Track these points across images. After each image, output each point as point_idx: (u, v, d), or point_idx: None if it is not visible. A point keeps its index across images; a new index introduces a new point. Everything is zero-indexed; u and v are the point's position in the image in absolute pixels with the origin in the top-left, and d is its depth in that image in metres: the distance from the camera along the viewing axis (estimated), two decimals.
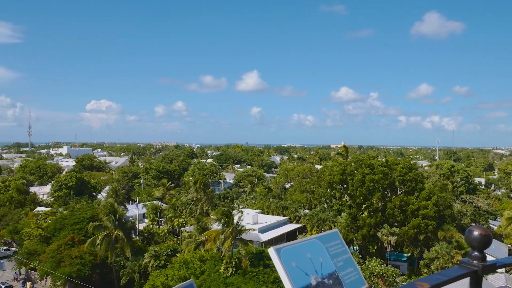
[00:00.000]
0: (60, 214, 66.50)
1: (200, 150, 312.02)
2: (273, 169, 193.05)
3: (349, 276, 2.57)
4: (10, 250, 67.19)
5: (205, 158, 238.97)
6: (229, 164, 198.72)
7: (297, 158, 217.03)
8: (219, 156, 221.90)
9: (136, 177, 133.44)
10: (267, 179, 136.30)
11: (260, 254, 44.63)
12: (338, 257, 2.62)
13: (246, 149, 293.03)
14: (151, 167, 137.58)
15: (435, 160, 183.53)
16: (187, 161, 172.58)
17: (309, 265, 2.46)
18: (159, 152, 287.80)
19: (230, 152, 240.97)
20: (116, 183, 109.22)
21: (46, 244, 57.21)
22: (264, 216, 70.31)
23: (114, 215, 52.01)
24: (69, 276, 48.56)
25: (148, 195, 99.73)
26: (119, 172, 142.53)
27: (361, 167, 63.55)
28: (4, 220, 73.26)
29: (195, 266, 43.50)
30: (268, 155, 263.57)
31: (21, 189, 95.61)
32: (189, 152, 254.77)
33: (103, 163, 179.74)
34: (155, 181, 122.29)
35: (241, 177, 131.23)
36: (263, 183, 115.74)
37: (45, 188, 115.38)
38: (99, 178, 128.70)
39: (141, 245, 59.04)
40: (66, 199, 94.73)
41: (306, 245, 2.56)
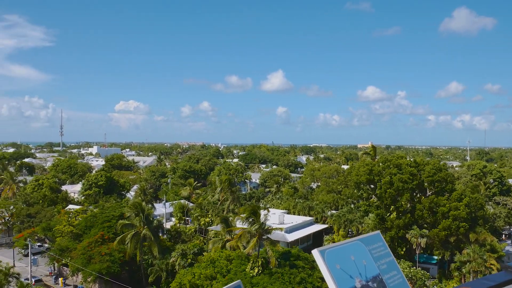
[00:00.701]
0: (90, 212, 68.09)
1: (226, 150, 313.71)
2: (299, 169, 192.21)
3: (393, 279, 2.48)
4: (43, 247, 69.28)
5: (231, 158, 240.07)
6: (255, 164, 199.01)
7: (323, 158, 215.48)
8: (245, 156, 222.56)
9: (164, 176, 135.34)
10: (293, 179, 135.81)
11: (286, 254, 44.46)
12: (381, 259, 2.54)
13: (272, 149, 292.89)
14: (178, 166, 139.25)
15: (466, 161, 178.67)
16: (213, 161, 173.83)
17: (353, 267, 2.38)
18: (185, 152, 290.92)
19: (256, 152, 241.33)
20: (144, 182, 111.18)
21: (77, 241, 58.69)
22: (290, 216, 70.05)
23: (142, 214, 52.85)
24: (99, 272, 49.65)
25: (175, 194, 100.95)
26: (147, 172, 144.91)
27: (389, 168, 62.50)
28: (37, 217, 75.59)
29: (221, 265, 43.70)
30: (294, 155, 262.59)
31: (53, 187, 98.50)
32: (215, 152, 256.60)
33: (131, 163, 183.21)
34: (182, 181, 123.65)
35: (267, 177, 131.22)
36: (289, 183, 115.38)
37: (76, 186, 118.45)
38: (128, 177, 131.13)
39: (169, 244, 59.79)
40: (96, 197, 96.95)
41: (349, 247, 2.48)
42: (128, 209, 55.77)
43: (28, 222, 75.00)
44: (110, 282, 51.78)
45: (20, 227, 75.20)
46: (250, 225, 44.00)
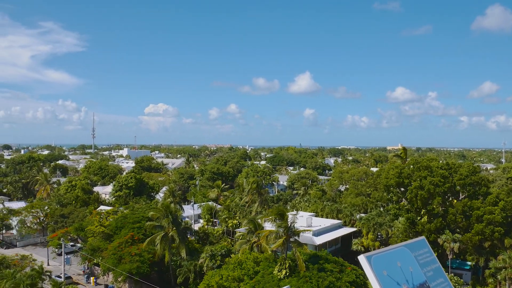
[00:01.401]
0: (121, 213, 69.39)
1: (254, 152, 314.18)
2: (327, 172, 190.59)
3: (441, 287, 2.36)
4: (76, 246, 71.08)
5: (259, 160, 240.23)
6: (282, 166, 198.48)
7: (352, 160, 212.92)
8: (273, 158, 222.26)
9: (192, 178, 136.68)
10: (321, 181, 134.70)
11: (314, 257, 44.03)
12: (428, 266, 2.43)
13: (300, 151, 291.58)
14: (206, 168, 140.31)
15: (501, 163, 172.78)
16: (241, 163, 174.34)
17: (399, 274, 2.28)
18: (213, 154, 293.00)
19: (283, 154, 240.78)
20: (173, 184, 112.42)
21: (108, 241, 59.90)
22: (318, 219, 69.43)
23: (171, 216, 53.46)
24: (129, 272, 50.50)
25: (203, 196, 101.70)
26: (175, 174, 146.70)
27: (419, 170, 61.08)
28: (70, 217, 77.65)
29: (248, 267, 43.68)
30: (321, 157, 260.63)
31: (85, 188, 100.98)
32: (242, 154, 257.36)
33: (160, 165, 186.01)
34: (210, 183, 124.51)
35: (294, 180, 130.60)
36: (317, 185, 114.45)
37: (107, 188, 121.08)
38: (157, 179, 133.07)
39: (197, 245, 60.24)
40: (127, 198, 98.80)
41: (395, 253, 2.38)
42: (157, 211, 56.52)
43: (61, 222, 77.17)
44: (140, 282, 52.58)
45: (54, 227, 77.45)
46: (277, 226, 43.82)
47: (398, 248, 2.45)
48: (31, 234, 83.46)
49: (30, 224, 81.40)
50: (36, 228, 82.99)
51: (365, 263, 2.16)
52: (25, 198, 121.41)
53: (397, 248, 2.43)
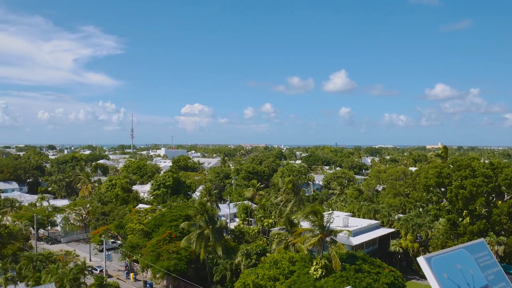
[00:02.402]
0: (159, 212, 70.83)
1: (289, 152, 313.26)
2: (363, 171, 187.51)
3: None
4: (116, 243, 73.15)
5: (294, 160, 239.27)
6: (318, 165, 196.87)
7: (390, 159, 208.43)
8: (308, 157, 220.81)
9: (228, 177, 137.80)
10: (357, 181, 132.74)
11: (351, 258, 43.38)
12: (488, 269, 2.31)
13: (335, 150, 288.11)
14: (242, 168, 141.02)
15: None
16: (276, 162, 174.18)
17: (460, 277, 2.18)
18: (249, 154, 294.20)
19: (319, 154, 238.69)
20: (209, 183, 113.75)
21: (146, 239, 61.29)
22: (354, 219, 68.38)
23: (207, 214, 54.05)
24: (167, 269, 51.48)
25: (238, 195, 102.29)
26: (211, 173, 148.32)
27: (460, 170, 58.94)
28: (111, 215, 80.00)
29: (284, 266, 43.58)
30: (358, 156, 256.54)
31: (125, 187, 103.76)
32: (278, 153, 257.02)
33: (196, 164, 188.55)
34: (245, 182, 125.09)
35: (330, 179, 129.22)
36: (354, 185, 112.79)
37: (145, 186, 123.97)
38: (193, 178, 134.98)
39: (233, 244, 60.64)
40: (164, 197, 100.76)
41: (455, 255, 2.27)
42: (194, 209, 57.28)
43: (102, 220, 79.65)
44: (177, 279, 53.50)
45: (95, 224, 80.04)
46: (313, 225, 43.42)
47: (457, 250, 2.33)
48: (74, 231, 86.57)
49: (73, 221, 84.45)
50: (79, 225, 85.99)
51: (424, 265, 2.07)
52: (69, 196, 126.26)
53: (456, 250, 2.32)
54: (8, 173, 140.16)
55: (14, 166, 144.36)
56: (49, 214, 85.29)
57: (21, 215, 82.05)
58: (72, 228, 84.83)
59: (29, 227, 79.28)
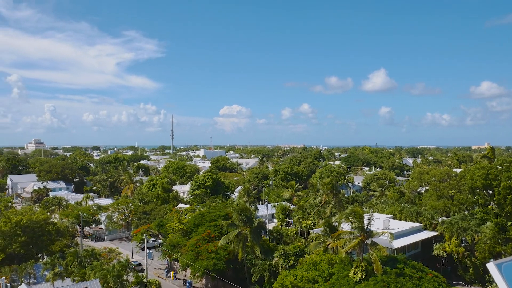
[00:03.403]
0: (198, 211, 71.87)
1: (327, 152, 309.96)
2: (405, 172, 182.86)
3: None
4: (157, 242, 74.85)
5: (333, 160, 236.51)
6: (357, 166, 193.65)
7: (432, 160, 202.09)
8: (347, 158, 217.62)
9: (266, 178, 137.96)
10: (398, 182, 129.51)
11: (392, 261, 42.31)
12: None
13: (375, 151, 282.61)
14: (280, 168, 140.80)
15: None
16: (315, 163, 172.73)
17: None
18: (287, 154, 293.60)
19: (358, 154, 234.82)
20: (247, 184, 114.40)
21: (186, 238, 62.33)
22: (395, 221, 66.67)
23: (245, 215, 54.29)
24: (206, 269, 52.12)
25: (277, 196, 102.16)
26: (250, 173, 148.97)
27: (509, 171, 56.25)
28: (152, 214, 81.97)
29: (323, 268, 43.06)
30: (399, 157, 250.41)
31: (165, 187, 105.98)
32: (316, 154, 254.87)
33: (235, 165, 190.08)
34: (283, 183, 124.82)
35: (370, 180, 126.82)
36: (395, 186, 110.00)
37: (185, 187, 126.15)
38: (232, 178, 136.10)
39: (271, 245, 60.59)
40: (203, 197, 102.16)
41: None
42: (233, 210, 57.69)
43: (144, 219, 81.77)
44: (216, 279, 54.05)
45: (137, 223, 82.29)
46: (353, 227, 42.67)
47: None
48: (117, 229, 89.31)
49: (116, 219, 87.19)
50: (122, 223, 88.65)
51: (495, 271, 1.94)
52: (112, 195, 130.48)
53: None
54: (56, 172, 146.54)
55: (61, 166, 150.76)
56: (93, 213, 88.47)
57: (68, 213, 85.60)
58: (115, 227, 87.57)
59: (75, 224, 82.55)
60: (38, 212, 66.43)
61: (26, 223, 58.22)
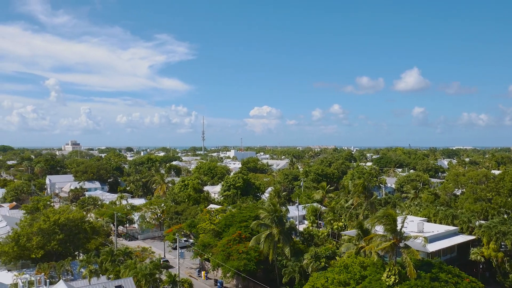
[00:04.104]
0: (229, 212, 72.31)
1: (359, 153, 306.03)
2: (439, 174, 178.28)
3: None
4: (188, 242, 75.80)
5: (364, 162, 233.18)
6: (390, 167, 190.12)
7: (469, 162, 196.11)
8: (379, 159, 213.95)
9: (296, 179, 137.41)
10: (433, 184, 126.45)
11: (427, 265, 41.27)
12: None
13: (409, 152, 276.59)
14: (311, 170, 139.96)
15: None
16: (346, 164, 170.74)
17: None
18: (317, 155, 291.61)
19: (390, 155, 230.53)
20: (278, 185, 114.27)
21: (217, 238, 62.84)
22: (430, 224, 64.97)
23: (276, 216, 54.22)
24: (237, 269, 52.37)
25: (307, 197, 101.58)
26: (280, 175, 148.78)
27: None
28: (183, 214, 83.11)
29: (354, 271, 42.44)
30: (433, 158, 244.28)
31: (197, 188, 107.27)
32: (347, 155, 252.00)
33: (265, 166, 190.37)
34: (314, 184, 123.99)
35: (403, 182, 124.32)
36: (429, 188, 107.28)
37: (216, 187, 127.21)
38: (262, 179, 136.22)
39: (302, 246, 60.26)
40: (234, 198, 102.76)
41: None
42: (263, 211, 57.73)
43: (175, 219, 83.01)
44: (247, 279, 54.21)
45: (169, 223, 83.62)
46: (385, 230, 41.87)
47: None
48: (150, 229, 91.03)
49: (149, 219, 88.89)
50: (154, 223, 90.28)
51: None
52: (145, 195, 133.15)
53: None
54: (92, 173, 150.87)
55: (97, 167, 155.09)
56: (127, 212, 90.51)
57: (102, 213, 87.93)
58: (148, 226, 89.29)
59: (109, 223, 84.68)
60: (74, 211, 68.52)
61: (64, 222, 60.14)
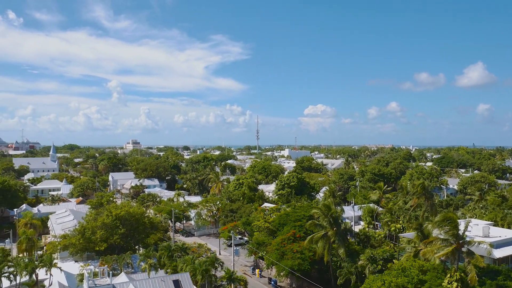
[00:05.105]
0: (283, 211, 72.29)
1: (418, 153, 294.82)
2: (507, 175, 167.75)
3: None
4: (243, 239, 76.64)
5: (424, 161, 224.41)
6: (451, 168, 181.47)
7: None
8: (440, 159, 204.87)
9: (352, 179, 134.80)
10: (500, 186, 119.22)
11: (492, 273, 38.97)
12: None
13: (473, 151, 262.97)
14: (367, 169, 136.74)
15: None
16: (404, 164, 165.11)
17: None
18: (374, 155, 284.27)
19: (453, 155, 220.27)
20: (332, 185, 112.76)
21: (271, 237, 63.03)
22: (497, 229, 61.20)
23: (331, 216, 53.44)
24: (291, 268, 52.22)
25: (363, 198, 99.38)
26: (335, 174, 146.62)
27: None
28: (238, 212, 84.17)
29: (413, 274, 40.93)
30: (501, 158, 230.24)
31: (251, 186, 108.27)
32: (405, 154, 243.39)
33: (320, 165, 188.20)
34: (370, 184, 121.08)
35: (467, 183, 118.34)
36: (495, 190, 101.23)
37: (270, 186, 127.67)
38: (317, 179, 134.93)
39: (357, 248, 59.01)
40: (288, 197, 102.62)
41: None
42: (318, 210, 57.13)
43: (230, 217, 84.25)
44: (301, 279, 53.90)
45: (224, 220, 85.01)
46: (446, 234, 39.97)
47: None
48: (206, 226, 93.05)
49: (205, 216, 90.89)
50: (210, 220, 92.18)
51: None
52: (201, 193, 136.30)
53: None
54: (151, 171, 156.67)
55: (155, 165, 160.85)
56: (184, 209, 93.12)
57: (161, 209, 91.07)
58: (204, 223, 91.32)
59: (167, 220, 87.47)
60: (135, 207, 71.49)
61: (125, 216, 63.02)
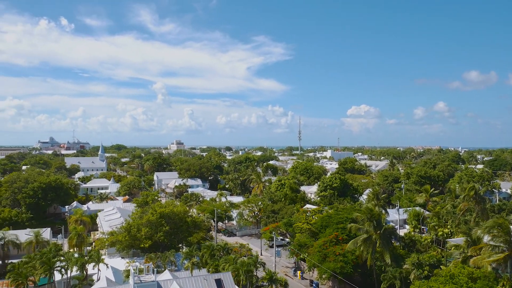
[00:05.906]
0: (325, 213, 71.45)
1: (468, 155, 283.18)
2: None
3: None
4: (284, 240, 76.41)
5: (474, 164, 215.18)
6: (505, 171, 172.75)
7: None
8: (492, 161, 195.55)
9: (397, 181, 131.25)
10: None
11: None
12: None
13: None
14: (412, 171, 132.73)
15: None
16: (453, 166, 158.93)
17: None
18: (420, 156, 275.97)
19: (506, 157, 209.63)
20: (376, 187, 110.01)
21: (313, 239, 62.46)
22: None
23: (375, 219, 52.21)
24: (333, 271, 51.48)
25: (409, 201, 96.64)
26: (379, 176, 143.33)
27: None
28: (280, 213, 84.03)
29: (461, 282, 39.21)
30: None
31: (293, 187, 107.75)
32: (454, 156, 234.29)
33: (363, 166, 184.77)
34: (416, 187, 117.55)
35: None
36: None
37: (312, 187, 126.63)
38: (360, 181, 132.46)
39: (402, 252, 57.39)
40: (331, 199, 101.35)
41: None
42: (361, 213, 56.02)
43: (272, 217, 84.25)
44: (343, 282, 53.02)
45: (266, 221, 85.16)
46: (498, 240, 38.06)
47: None
48: (247, 226, 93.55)
49: (247, 216, 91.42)
50: (252, 220, 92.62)
51: None
52: (243, 193, 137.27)
53: None
54: (194, 171, 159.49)
55: (199, 165, 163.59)
56: (226, 209, 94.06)
57: (203, 209, 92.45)
58: (246, 223, 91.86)
59: (210, 219, 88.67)
60: (178, 206, 72.97)
61: (169, 214, 64.49)
